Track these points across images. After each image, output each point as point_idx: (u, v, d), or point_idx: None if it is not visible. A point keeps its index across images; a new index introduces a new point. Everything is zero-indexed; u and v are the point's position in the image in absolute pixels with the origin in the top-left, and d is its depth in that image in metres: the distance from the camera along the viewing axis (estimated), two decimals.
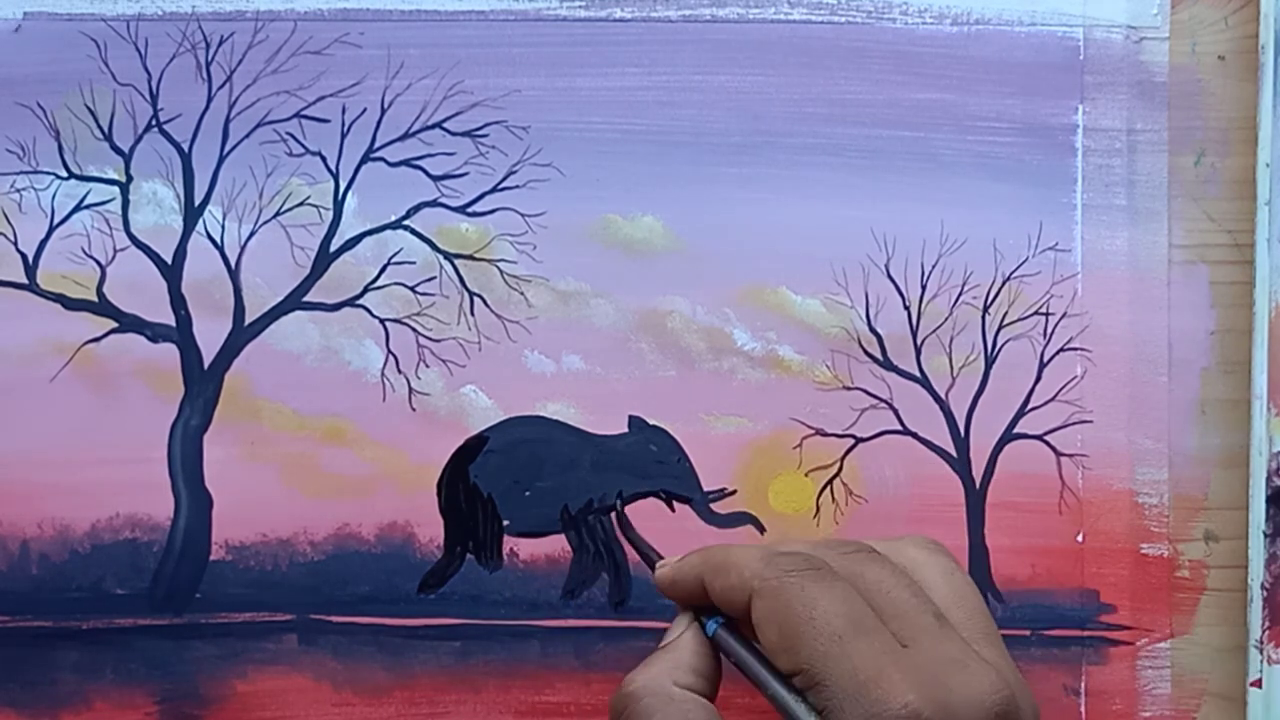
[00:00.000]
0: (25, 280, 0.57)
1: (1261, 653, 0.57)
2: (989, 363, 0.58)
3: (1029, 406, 0.58)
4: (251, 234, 0.57)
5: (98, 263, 0.57)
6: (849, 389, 0.58)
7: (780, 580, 0.39)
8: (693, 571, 0.43)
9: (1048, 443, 0.58)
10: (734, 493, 0.58)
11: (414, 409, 0.57)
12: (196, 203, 0.57)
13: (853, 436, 0.58)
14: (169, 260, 0.57)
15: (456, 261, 0.58)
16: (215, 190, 0.57)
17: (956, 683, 0.37)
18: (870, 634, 0.37)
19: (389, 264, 0.58)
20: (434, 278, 0.58)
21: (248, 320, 0.57)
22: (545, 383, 0.58)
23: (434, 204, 0.58)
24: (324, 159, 0.57)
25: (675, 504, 0.58)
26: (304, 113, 0.57)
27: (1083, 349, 0.58)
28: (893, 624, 0.38)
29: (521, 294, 0.58)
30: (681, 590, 0.43)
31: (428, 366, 0.58)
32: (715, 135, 0.58)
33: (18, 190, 0.57)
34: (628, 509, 0.58)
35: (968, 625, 0.40)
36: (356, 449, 0.57)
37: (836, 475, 0.58)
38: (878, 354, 0.58)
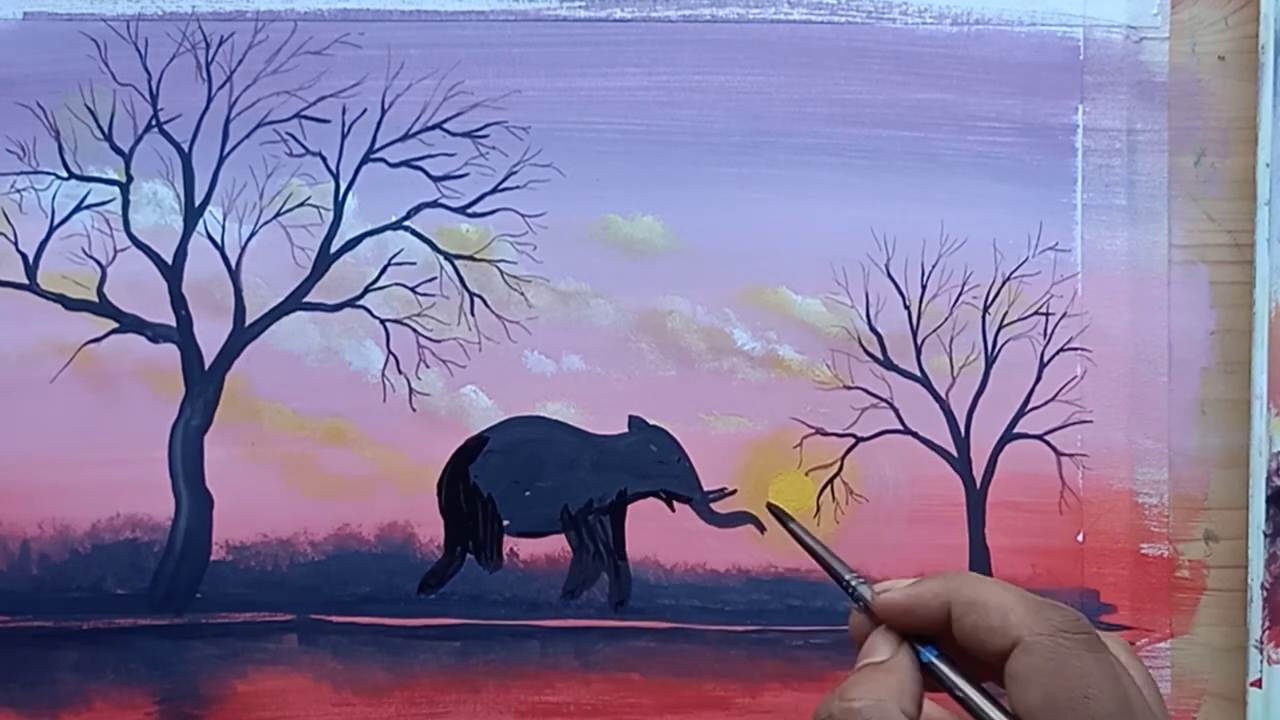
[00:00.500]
0: (26, 280, 0.57)
1: (1261, 653, 0.57)
2: (989, 362, 0.58)
3: (1029, 406, 0.58)
4: (252, 234, 0.57)
5: (98, 263, 0.57)
6: (849, 388, 0.58)
7: (1053, 639, 0.36)
8: (935, 600, 0.39)
9: (1048, 443, 0.58)
10: (734, 492, 0.58)
11: (414, 409, 0.57)
12: (197, 203, 0.57)
13: (853, 436, 0.58)
14: (169, 260, 0.57)
15: (457, 262, 0.58)
16: (215, 190, 0.57)
17: None
18: None
19: (389, 265, 0.58)
20: (434, 278, 0.58)
21: (248, 320, 0.57)
22: (545, 383, 0.58)
23: (434, 205, 0.58)
24: (324, 159, 0.57)
25: (675, 504, 0.58)
26: (304, 113, 0.57)
27: (1083, 349, 0.58)
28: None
29: (521, 294, 0.58)
30: (917, 618, 0.40)
31: (428, 367, 0.58)
32: (715, 135, 0.58)
33: (18, 190, 0.57)
34: (631, 507, 0.58)
35: None
36: (357, 449, 0.57)
37: (837, 474, 0.58)
38: (878, 353, 0.58)
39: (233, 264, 0.57)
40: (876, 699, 0.38)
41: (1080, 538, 0.58)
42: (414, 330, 0.58)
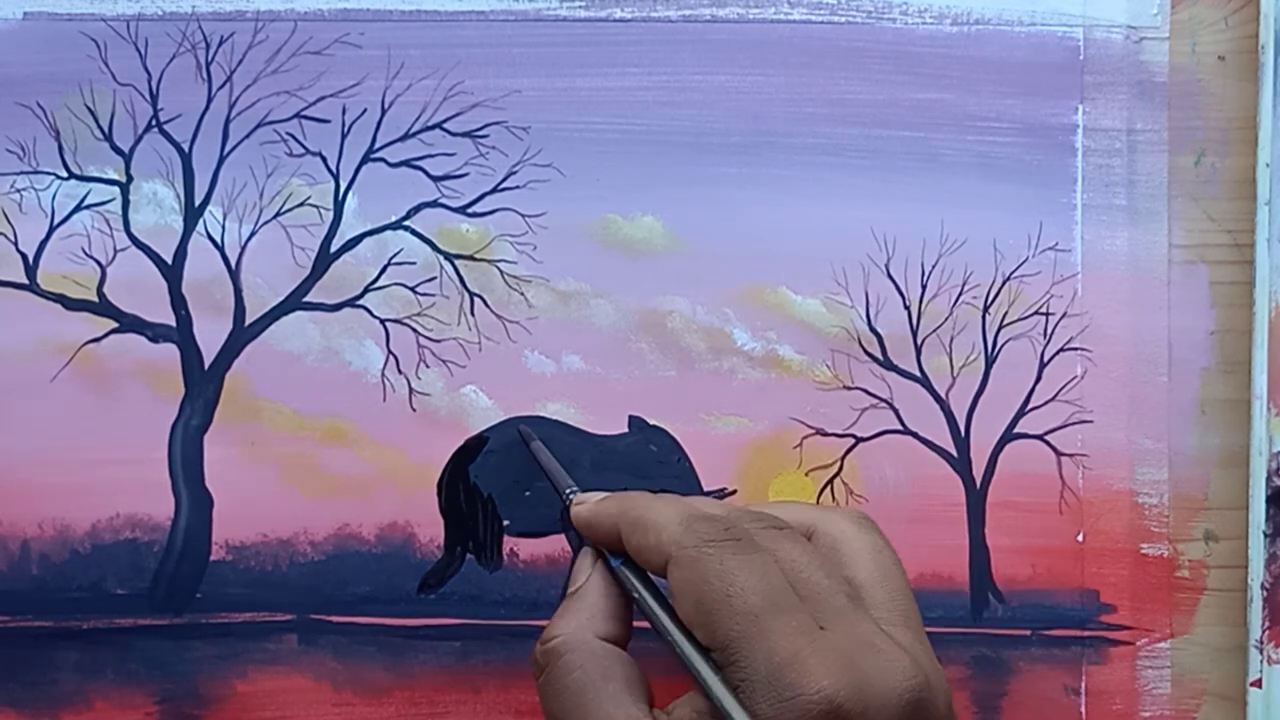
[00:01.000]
0: (25, 280, 0.57)
1: (1261, 653, 0.57)
2: (989, 362, 0.58)
3: (1029, 406, 0.58)
4: (252, 234, 0.57)
5: (98, 263, 0.57)
6: (849, 389, 0.58)
7: (699, 550, 0.38)
8: (609, 520, 0.42)
9: (1048, 443, 0.58)
10: (734, 492, 0.58)
11: (414, 409, 0.57)
12: (197, 203, 0.57)
13: (853, 436, 0.58)
14: (169, 260, 0.57)
15: (457, 262, 0.58)
16: (215, 190, 0.57)
17: (871, 667, 0.37)
18: (787, 613, 0.37)
19: (389, 264, 0.58)
20: (434, 278, 0.58)
21: (248, 320, 0.57)
22: (545, 383, 0.58)
23: (434, 204, 0.58)
24: (324, 159, 0.57)
25: None
26: (304, 113, 0.57)
27: (1083, 349, 0.58)
28: (807, 604, 0.38)
29: (522, 294, 0.58)
30: (596, 534, 0.43)
31: (428, 367, 0.58)
32: (715, 135, 0.58)
33: (18, 190, 0.57)
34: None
35: (888, 606, 0.40)
36: (357, 449, 0.57)
37: (837, 475, 0.58)
38: (878, 354, 0.58)
39: (233, 264, 0.57)
40: (568, 631, 0.41)
41: (1080, 538, 0.58)
42: (414, 330, 0.58)
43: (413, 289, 0.58)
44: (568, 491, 0.49)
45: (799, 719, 0.35)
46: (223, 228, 0.57)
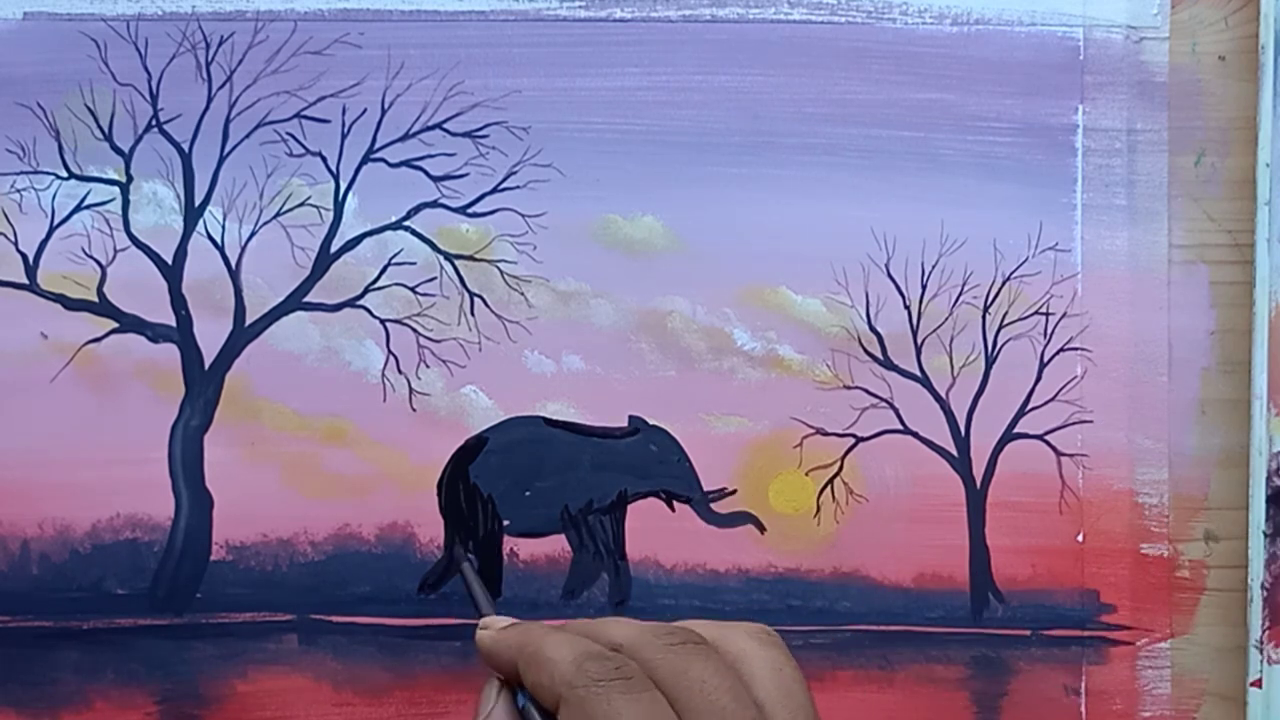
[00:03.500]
0: (25, 280, 0.57)
1: (1261, 653, 0.57)
2: (989, 362, 0.58)
3: (1029, 406, 0.58)
4: (252, 234, 0.57)
5: (98, 263, 0.57)
6: (849, 388, 0.58)
7: (587, 690, 0.38)
8: (508, 652, 0.42)
9: (1048, 443, 0.58)
10: (734, 492, 0.58)
11: (414, 409, 0.57)
12: (197, 203, 0.57)
13: (853, 436, 0.58)
14: (169, 260, 0.57)
15: (457, 262, 0.58)
16: (215, 190, 0.57)
17: None
18: None
19: (389, 264, 0.58)
20: (434, 278, 0.58)
21: (248, 320, 0.57)
22: (545, 383, 0.58)
23: (434, 205, 0.58)
24: (324, 159, 0.57)
25: (675, 504, 0.58)
26: (304, 113, 0.57)
27: (1083, 349, 0.58)
28: None
29: (521, 294, 0.58)
30: (495, 663, 0.43)
31: (428, 367, 0.58)
32: (715, 135, 0.58)
33: (18, 190, 0.57)
34: (631, 507, 0.58)
35: None
36: (357, 449, 0.57)
37: (837, 474, 0.58)
38: (878, 353, 0.58)
39: (233, 264, 0.57)
40: None
41: (1080, 538, 0.58)
42: (414, 330, 0.58)
43: (413, 289, 0.58)
44: (481, 622, 0.46)
45: None
46: (223, 228, 0.57)
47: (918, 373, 0.58)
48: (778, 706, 0.40)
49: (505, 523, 0.58)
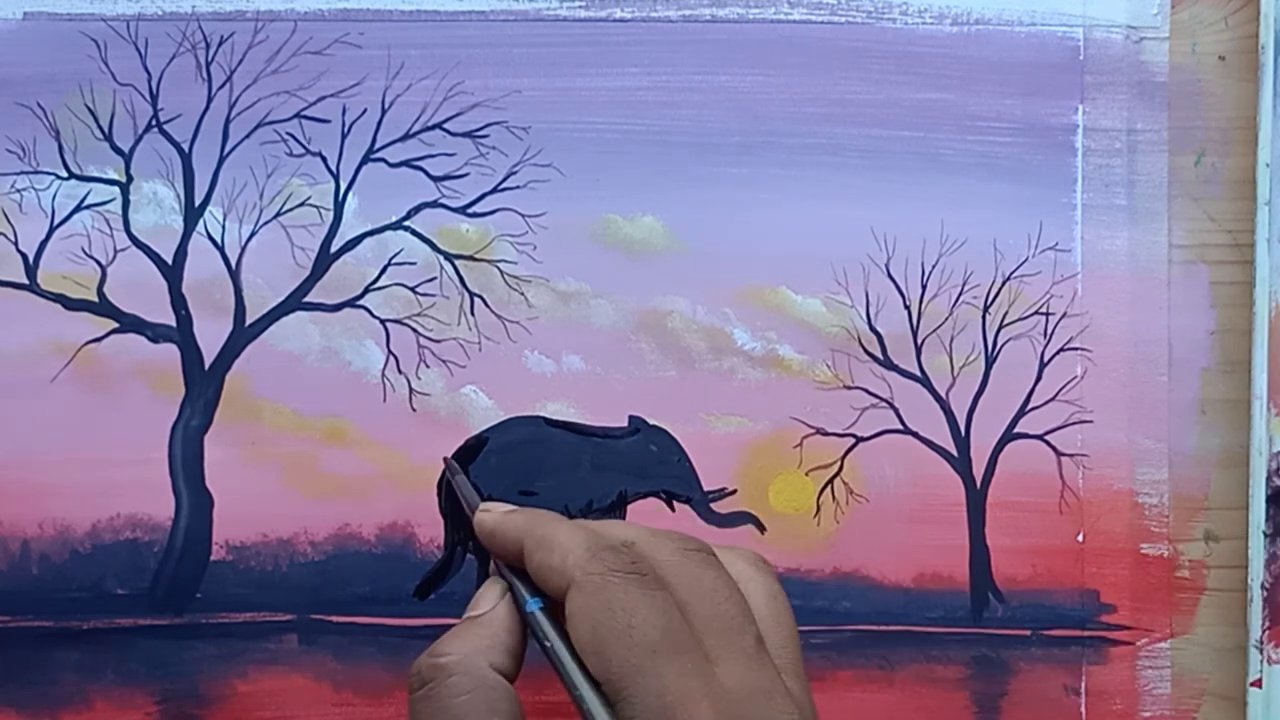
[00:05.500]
0: (25, 280, 0.57)
1: (1261, 653, 0.57)
2: (989, 362, 0.58)
3: (1029, 406, 0.58)
4: (252, 234, 0.57)
5: (98, 263, 0.57)
6: (849, 388, 0.58)
7: (603, 578, 0.37)
8: (514, 532, 0.41)
9: (1048, 443, 0.58)
10: (734, 492, 0.58)
11: (414, 409, 0.57)
12: (197, 203, 0.57)
13: (853, 436, 0.58)
14: (169, 260, 0.57)
15: (457, 262, 0.58)
16: (215, 190, 0.57)
17: (759, 713, 0.36)
18: (684, 653, 0.37)
19: (389, 265, 0.58)
20: (434, 278, 0.58)
21: (248, 320, 0.57)
22: (545, 383, 0.58)
23: (434, 205, 0.58)
24: (324, 159, 0.57)
25: (675, 504, 0.58)
26: (304, 113, 0.57)
27: (1083, 349, 0.58)
28: (713, 638, 0.38)
29: (522, 294, 0.58)
30: (498, 545, 0.42)
31: (428, 367, 0.58)
32: (715, 135, 0.58)
33: (18, 190, 0.57)
34: (631, 507, 0.58)
35: (780, 653, 0.40)
36: (357, 449, 0.57)
37: (837, 474, 0.58)
38: (878, 353, 0.58)
39: (233, 264, 0.57)
40: (464, 653, 0.39)
41: (1080, 538, 0.58)
42: (414, 330, 0.58)
43: (413, 289, 0.58)
44: (481, 506, 0.46)
45: None
46: (223, 228, 0.57)
47: (918, 373, 0.58)
48: (770, 632, 0.40)
49: None
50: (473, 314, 0.58)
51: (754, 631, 0.39)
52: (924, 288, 0.58)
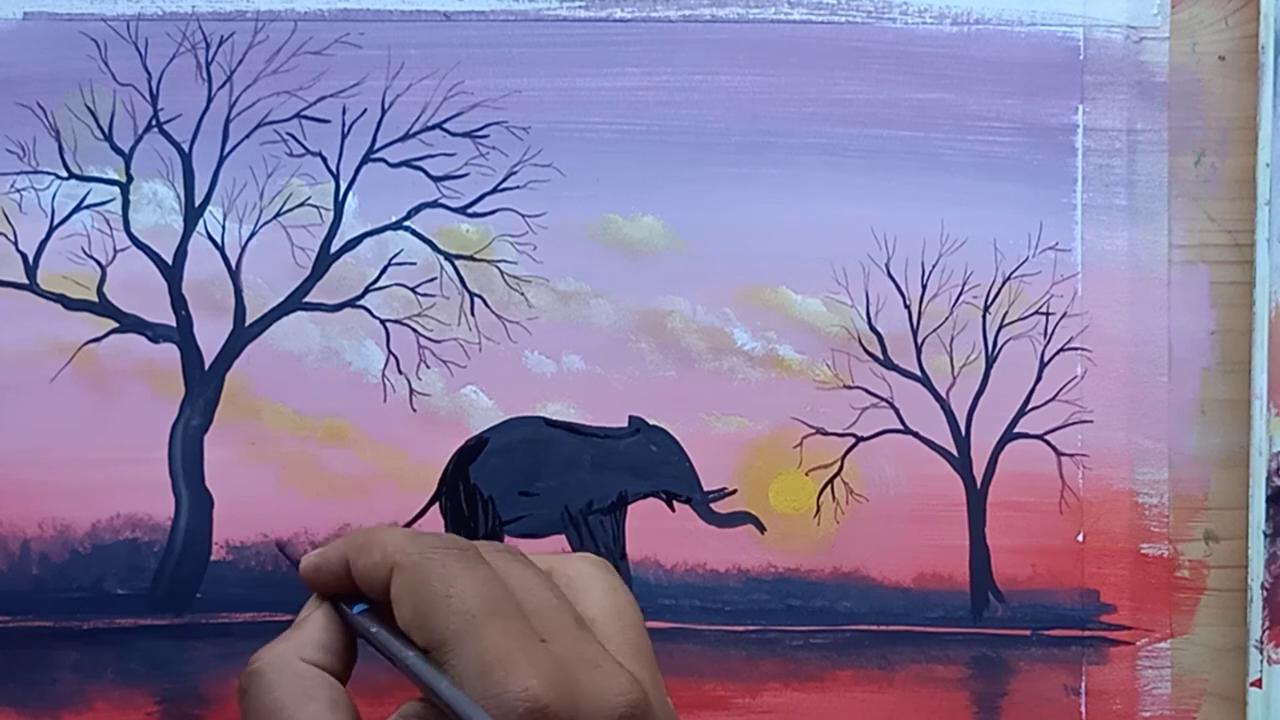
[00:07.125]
0: (25, 280, 0.57)
1: (1261, 653, 0.57)
2: (989, 362, 0.58)
3: (1029, 406, 0.58)
4: (252, 234, 0.57)
5: (98, 263, 0.57)
6: (849, 388, 0.58)
7: (422, 555, 0.38)
8: (336, 554, 0.41)
9: (1048, 442, 0.58)
10: (734, 492, 0.58)
11: (414, 409, 0.57)
12: (197, 203, 0.57)
13: (853, 435, 0.58)
14: (169, 260, 0.57)
15: (457, 262, 0.58)
16: (216, 190, 0.57)
17: (586, 679, 0.36)
18: (505, 618, 0.37)
19: (390, 265, 0.58)
20: (434, 278, 0.58)
21: (248, 320, 0.57)
22: (545, 383, 0.58)
23: (434, 205, 0.58)
24: (324, 159, 0.57)
25: (675, 504, 0.58)
26: (304, 113, 0.57)
27: (1083, 349, 0.58)
28: (534, 617, 0.38)
29: (522, 294, 0.58)
30: (326, 575, 0.42)
31: (428, 367, 0.58)
32: (715, 135, 0.58)
33: (18, 190, 0.57)
34: (631, 507, 0.58)
35: (618, 640, 0.40)
36: (356, 449, 0.57)
37: (837, 474, 0.58)
38: (878, 353, 0.58)
39: (233, 264, 0.57)
40: (274, 654, 0.41)
41: (1080, 538, 0.58)
42: (414, 330, 0.58)
43: (413, 289, 0.58)
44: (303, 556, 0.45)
45: (503, 718, 0.35)
46: (223, 228, 0.57)
47: (918, 372, 0.58)
48: (608, 621, 0.40)
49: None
50: (473, 314, 0.58)
51: (572, 613, 0.39)
52: (924, 287, 0.58)
